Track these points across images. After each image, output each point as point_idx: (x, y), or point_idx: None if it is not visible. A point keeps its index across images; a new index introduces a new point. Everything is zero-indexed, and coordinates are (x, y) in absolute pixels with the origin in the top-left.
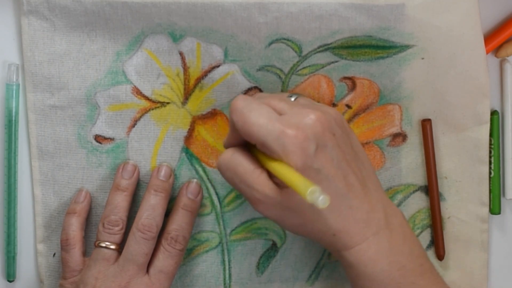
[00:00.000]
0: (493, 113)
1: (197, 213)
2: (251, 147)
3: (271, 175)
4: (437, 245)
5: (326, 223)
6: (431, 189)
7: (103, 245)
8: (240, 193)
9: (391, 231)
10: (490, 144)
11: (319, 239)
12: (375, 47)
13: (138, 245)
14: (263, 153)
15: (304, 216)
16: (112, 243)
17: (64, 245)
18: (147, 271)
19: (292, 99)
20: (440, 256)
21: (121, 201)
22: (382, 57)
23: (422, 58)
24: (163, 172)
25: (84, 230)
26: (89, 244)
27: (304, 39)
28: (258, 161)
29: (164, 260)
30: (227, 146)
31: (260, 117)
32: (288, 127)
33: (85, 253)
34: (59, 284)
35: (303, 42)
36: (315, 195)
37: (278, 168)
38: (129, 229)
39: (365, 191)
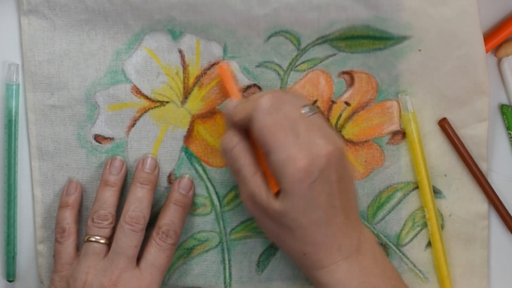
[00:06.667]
0: (503, 107)
1: (188, 208)
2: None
3: (267, 178)
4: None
5: (298, 243)
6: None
7: (93, 239)
8: (234, 178)
9: (362, 255)
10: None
11: (290, 254)
12: (372, 38)
13: (127, 238)
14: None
15: (279, 228)
16: (102, 237)
17: (59, 237)
18: (138, 265)
19: (308, 112)
20: None
21: (110, 196)
22: (380, 49)
23: (419, 50)
24: (148, 164)
25: (78, 224)
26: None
27: (302, 31)
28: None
29: (156, 254)
30: (232, 118)
31: (281, 130)
32: (300, 152)
33: (78, 248)
34: (50, 278)
35: (301, 34)
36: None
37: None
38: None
39: (346, 222)
